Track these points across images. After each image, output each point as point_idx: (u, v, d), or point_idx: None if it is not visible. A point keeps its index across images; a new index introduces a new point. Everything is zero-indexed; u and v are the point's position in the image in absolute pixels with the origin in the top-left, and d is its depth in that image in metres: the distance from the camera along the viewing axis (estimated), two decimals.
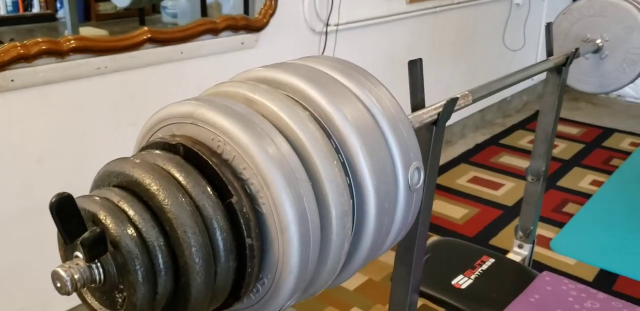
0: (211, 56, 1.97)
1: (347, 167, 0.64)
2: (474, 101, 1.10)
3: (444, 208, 2.70)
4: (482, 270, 1.37)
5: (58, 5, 2.05)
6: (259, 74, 0.71)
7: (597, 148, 3.55)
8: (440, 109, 0.97)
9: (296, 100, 0.66)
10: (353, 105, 0.67)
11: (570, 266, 2.29)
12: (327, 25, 2.31)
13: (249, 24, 2.02)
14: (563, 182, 3.06)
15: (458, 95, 1.05)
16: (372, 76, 0.75)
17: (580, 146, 3.57)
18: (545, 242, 2.45)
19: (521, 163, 3.25)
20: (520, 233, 1.60)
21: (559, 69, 1.47)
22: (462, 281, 1.32)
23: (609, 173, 3.17)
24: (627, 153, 3.46)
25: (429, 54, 3.06)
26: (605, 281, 2.21)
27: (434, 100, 1.01)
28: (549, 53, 1.48)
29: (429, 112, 0.97)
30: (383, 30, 2.69)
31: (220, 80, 0.72)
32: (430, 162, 1.00)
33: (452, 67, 3.29)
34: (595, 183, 3.06)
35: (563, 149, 3.51)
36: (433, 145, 0.99)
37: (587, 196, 2.89)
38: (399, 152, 0.69)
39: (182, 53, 1.88)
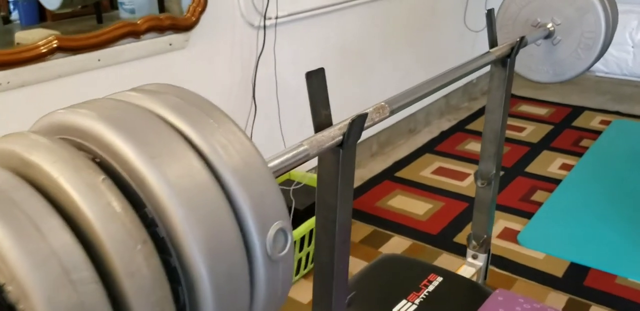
0: (135, 61, 1.77)
1: (170, 245, 0.46)
2: (393, 113, 0.91)
3: (406, 203, 2.54)
4: (428, 291, 1.21)
5: (12, 6, 1.87)
6: (60, 119, 0.52)
7: (566, 128, 3.39)
8: (345, 129, 0.79)
9: (95, 159, 0.47)
10: (181, 157, 0.49)
11: (539, 262, 2.14)
12: (266, 18, 2.11)
13: (176, 24, 1.82)
14: (532, 168, 2.90)
15: (370, 109, 0.87)
16: (220, 111, 0.56)
17: (549, 127, 3.40)
18: (512, 236, 2.30)
19: None
20: (473, 243, 1.43)
21: (504, 61, 1.29)
22: (404, 308, 1.15)
23: (580, 155, 3.02)
24: (597, 133, 3.30)
25: (384, 41, 2.87)
26: (576, 276, 2.06)
27: (392, 93, 0.84)
28: (492, 43, 1.29)
29: (331, 133, 0.78)
30: (330, 20, 2.49)
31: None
32: (340, 190, 0.82)
33: (411, 53, 3.10)
34: (565, 167, 2.90)
35: (531, 132, 3.35)
36: (341, 171, 0.81)
37: (557, 182, 2.74)
38: (251, 214, 0.51)
39: (99, 60, 1.68)
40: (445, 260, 2.14)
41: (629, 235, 2.28)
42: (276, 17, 2.15)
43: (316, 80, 0.81)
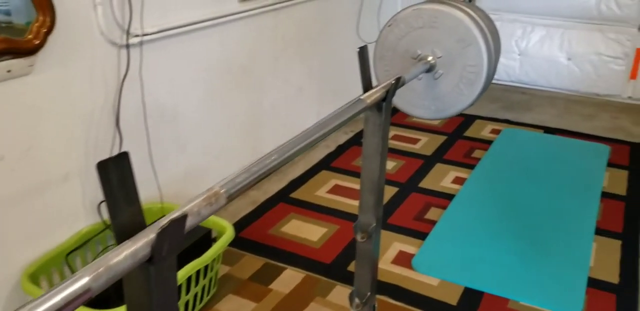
0: None
1: None
2: (230, 200, 0.71)
3: (300, 229, 2.37)
4: None
5: None
6: None
7: (459, 139, 3.33)
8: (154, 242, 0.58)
9: None
10: None
11: (434, 289, 2.03)
12: (131, 36, 1.85)
13: (15, 47, 1.53)
14: (426, 183, 2.81)
15: (196, 201, 0.66)
16: None
17: (442, 138, 3.34)
18: (407, 260, 2.18)
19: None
20: (356, 301, 1.26)
21: (379, 105, 1.12)
22: None
23: (472, 167, 2.96)
24: (488, 142, 3.27)
25: (274, 56, 2.67)
26: (470, 302, 1.97)
27: (284, 110, 0.63)
28: (366, 86, 1.12)
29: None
30: (211, 35, 2.27)
31: None
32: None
33: (304, 66, 2.93)
34: (458, 180, 2.83)
35: (425, 143, 3.27)
36: (156, 292, 0.60)
37: (450, 197, 2.66)
38: None
39: None
40: (338, 294, 1.99)
41: (520, 254, 2.22)
42: (143, 35, 1.90)
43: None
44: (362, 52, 1.11)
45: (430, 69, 1.33)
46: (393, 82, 1.10)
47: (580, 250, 2.28)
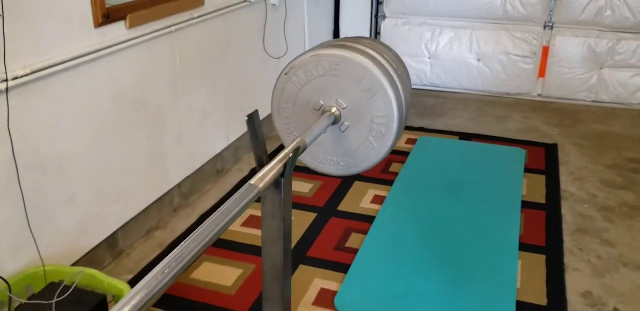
0: None
1: None
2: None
3: (213, 274, 2.16)
4: None
5: None
6: None
7: None
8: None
9: None
10: None
11: None
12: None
13: None
14: (345, 205, 2.66)
15: None
16: None
17: None
18: (329, 300, 2.02)
19: (302, 187, 2.78)
20: None
21: (277, 182, 0.93)
22: None
23: (390, 183, 2.83)
24: (405, 154, 3.15)
25: (173, 82, 2.42)
26: None
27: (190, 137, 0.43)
28: (260, 161, 0.93)
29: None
30: (98, 69, 1.99)
31: None
32: None
33: (208, 90, 2.69)
34: (377, 199, 2.70)
35: None
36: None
37: (370, 220, 2.52)
38: None
39: None
40: None
41: (446, 283, 2.11)
42: (10, 79, 1.62)
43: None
44: (252, 119, 0.91)
45: (335, 121, 1.15)
46: (291, 155, 0.92)
47: (506, 271, 2.19)
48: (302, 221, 2.50)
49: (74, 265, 2.01)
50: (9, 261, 1.73)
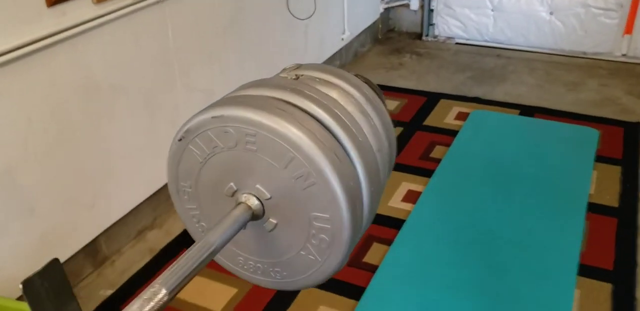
0: None
1: None
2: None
3: (201, 292, 1.81)
4: None
5: None
6: None
7: (417, 131, 2.68)
8: None
9: None
10: None
11: None
12: None
13: None
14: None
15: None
16: None
17: (397, 132, 2.68)
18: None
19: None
20: None
21: None
22: None
23: (429, 174, 2.33)
24: (452, 134, 2.61)
25: (165, 61, 1.99)
26: None
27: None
28: None
29: None
30: (58, 55, 1.59)
31: None
32: None
33: (213, 67, 2.23)
34: (409, 197, 2.22)
35: None
36: None
37: (399, 224, 2.05)
38: None
39: None
40: None
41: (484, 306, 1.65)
42: None
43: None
44: (30, 287, 0.47)
45: (255, 216, 0.69)
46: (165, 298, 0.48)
47: (559, 304, 1.72)
48: None
49: None
50: None
